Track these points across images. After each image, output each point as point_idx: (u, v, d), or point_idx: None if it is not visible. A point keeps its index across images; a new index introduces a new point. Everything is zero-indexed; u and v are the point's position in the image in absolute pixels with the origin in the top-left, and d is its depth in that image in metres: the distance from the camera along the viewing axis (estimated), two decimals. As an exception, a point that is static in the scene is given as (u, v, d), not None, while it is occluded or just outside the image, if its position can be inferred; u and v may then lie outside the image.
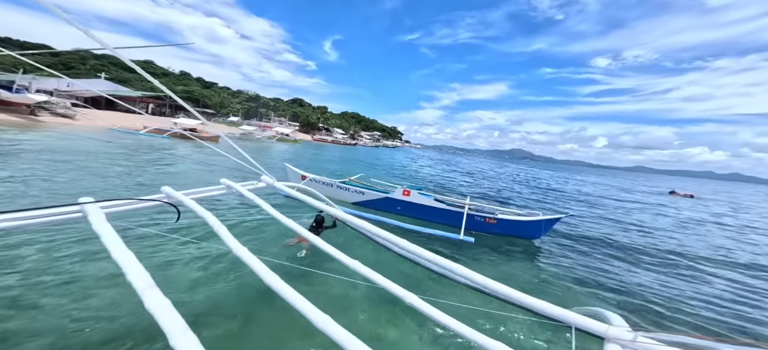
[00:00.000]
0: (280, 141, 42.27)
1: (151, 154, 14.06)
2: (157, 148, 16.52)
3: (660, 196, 25.70)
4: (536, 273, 5.34)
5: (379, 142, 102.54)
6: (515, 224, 7.09)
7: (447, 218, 7.42)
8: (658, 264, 6.67)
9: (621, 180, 52.02)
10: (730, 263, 7.36)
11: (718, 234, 10.50)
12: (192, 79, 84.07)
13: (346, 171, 16.06)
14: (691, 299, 4.93)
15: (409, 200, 7.79)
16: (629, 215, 12.93)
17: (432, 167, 31.28)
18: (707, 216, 15.38)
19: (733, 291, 5.47)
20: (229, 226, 5.98)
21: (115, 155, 12.31)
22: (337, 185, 8.49)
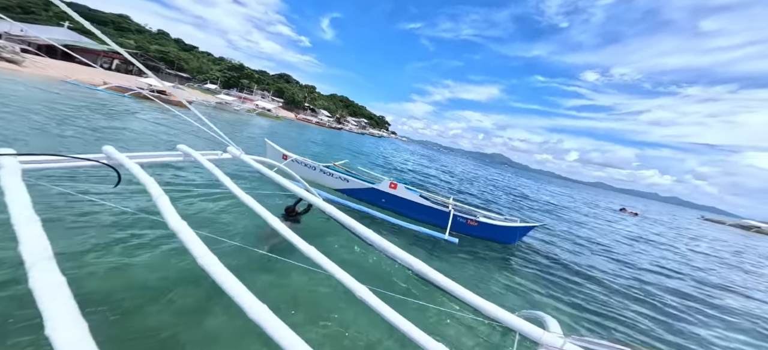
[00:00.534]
0: (261, 116, 40.35)
1: (104, 112, 12.68)
2: (114, 107, 14.98)
3: (614, 212, 28.09)
4: (501, 276, 5.53)
5: (365, 130, 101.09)
6: (494, 228, 7.28)
7: (431, 217, 7.42)
8: (607, 276, 7.24)
9: (584, 194, 56.04)
10: (667, 277, 8.12)
11: (655, 252, 11.55)
12: (170, 39, 76.96)
13: (328, 157, 15.70)
14: (628, 309, 5.37)
15: (395, 193, 7.63)
16: (588, 228, 13.90)
17: (417, 161, 31.45)
18: (649, 234, 16.98)
19: (665, 303, 6.01)
20: (200, 202, 4.97)
21: (57, 108, 10.90)
22: (320, 169, 8.16)
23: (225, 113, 31.71)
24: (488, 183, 26.13)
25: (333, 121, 77.31)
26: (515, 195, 21.24)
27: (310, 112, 79.29)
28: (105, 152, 1.89)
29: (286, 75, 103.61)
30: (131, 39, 56.02)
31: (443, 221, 7.03)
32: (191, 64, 65.09)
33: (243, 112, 36.93)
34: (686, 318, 5.58)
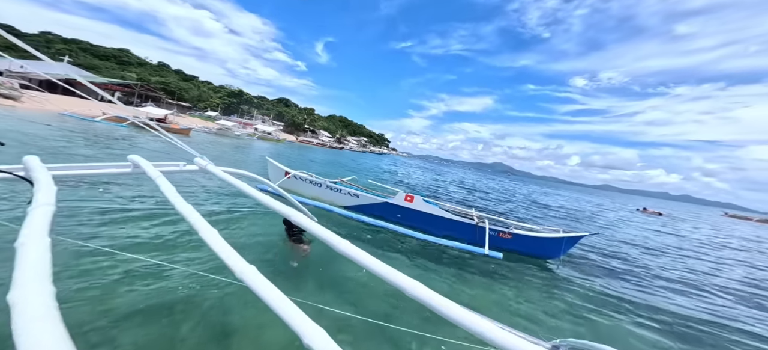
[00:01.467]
0: (262, 140, 40.22)
1: (94, 141, 12.07)
2: (108, 136, 14.40)
3: (637, 213, 26.74)
4: (554, 300, 4.54)
5: (365, 148, 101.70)
6: (533, 240, 6.33)
7: (456, 231, 6.54)
8: (673, 287, 6.08)
9: (596, 197, 54.46)
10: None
11: (725, 257, 10.25)
12: (170, 70, 79.10)
13: (330, 174, 14.88)
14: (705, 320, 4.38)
15: (411, 207, 6.85)
16: (625, 233, 12.69)
17: (421, 175, 30.65)
18: (695, 235, 15.70)
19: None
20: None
21: (46, 138, 10.25)
22: (327, 185, 7.50)
23: (225, 138, 31.46)
24: (498, 193, 25.07)
25: (334, 141, 77.74)
26: (537, 205, 20.13)
27: (310, 133, 79.74)
28: (24, 163, 1.55)
29: (285, 99, 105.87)
30: (133, 72, 57.47)
31: (471, 235, 6.35)
32: (191, 94, 66.26)
33: (244, 136, 36.76)
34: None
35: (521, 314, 3.88)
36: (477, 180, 41.08)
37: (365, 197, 7.33)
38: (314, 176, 7.78)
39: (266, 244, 4.43)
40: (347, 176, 10.13)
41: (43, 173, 1.39)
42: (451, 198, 15.65)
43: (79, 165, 1.98)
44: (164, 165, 2.39)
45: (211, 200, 6.18)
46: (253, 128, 44.43)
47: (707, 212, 64.64)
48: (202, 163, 2.44)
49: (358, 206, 7.24)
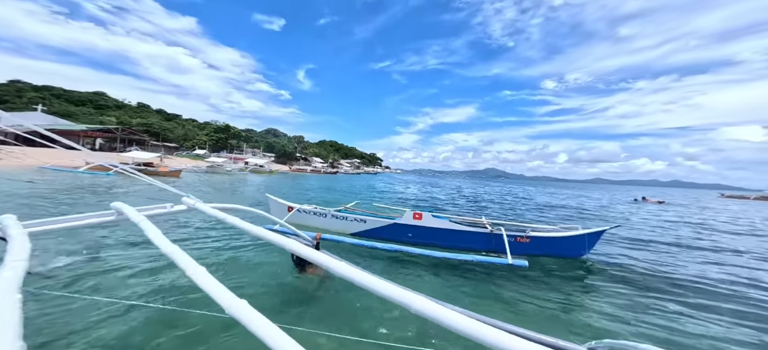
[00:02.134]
0: (254, 173, 39.24)
1: (79, 194, 11.17)
2: (94, 187, 13.44)
3: (639, 203, 27.03)
4: (587, 300, 4.26)
5: (359, 169, 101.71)
6: (554, 241, 6.13)
7: (470, 242, 6.36)
8: (714, 278, 5.75)
9: (592, 191, 55.36)
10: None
11: (747, 241, 9.94)
12: (151, 111, 77.98)
13: (329, 200, 14.31)
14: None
15: (421, 224, 6.64)
16: (641, 227, 12.52)
17: (418, 190, 30.37)
18: (707, 221, 15.76)
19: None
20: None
21: (27, 195, 9.37)
22: (331, 215, 7.36)
23: (217, 175, 30.44)
24: (498, 197, 24.96)
25: (327, 166, 77.39)
26: (542, 206, 20.01)
27: (303, 161, 79.33)
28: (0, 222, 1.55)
29: (273, 129, 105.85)
30: (112, 115, 56.16)
31: (486, 244, 6.23)
32: (176, 133, 65.08)
33: (235, 171, 35.83)
34: None
35: (556, 319, 3.70)
36: (474, 188, 41.15)
37: (372, 220, 7.08)
38: (318, 208, 7.63)
39: (271, 274, 4.35)
40: (349, 202, 9.89)
41: (18, 231, 1.41)
42: (457, 210, 15.29)
43: (59, 219, 1.95)
44: (150, 209, 2.37)
45: (209, 238, 6.06)
46: (244, 163, 43.53)
47: (704, 195, 65.83)
48: (190, 202, 2.39)
49: (366, 231, 7.01)
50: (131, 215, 1.92)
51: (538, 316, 3.74)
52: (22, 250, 1.19)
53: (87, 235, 5.29)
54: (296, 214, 7.66)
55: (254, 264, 4.75)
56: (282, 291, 3.92)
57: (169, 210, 2.46)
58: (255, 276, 4.31)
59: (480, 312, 0.82)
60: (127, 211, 2.00)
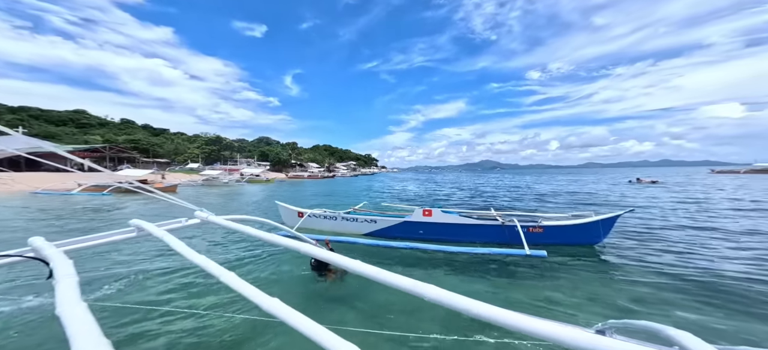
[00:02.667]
0: (251, 183, 38.57)
1: (82, 216, 10.81)
2: (94, 208, 12.99)
3: (634, 185, 27.71)
4: (606, 287, 4.24)
5: (356, 171, 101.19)
6: (568, 229, 6.09)
7: (482, 235, 6.36)
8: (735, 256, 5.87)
9: (587, 176, 56.17)
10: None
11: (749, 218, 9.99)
12: (137, 127, 75.83)
13: (332, 206, 14.14)
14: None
15: (431, 220, 6.68)
16: (651, 208, 12.82)
17: (417, 187, 30.44)
18: (708, 198, 16.19)
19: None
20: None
21: (32, 219, 8.98)
22: (342, 217, 7.44)
23: (214, 188, 29.85)
24: (502, 189, 25.25)
25: (324, 171, 76.70)
26: (538, 195, 20.29)
27: (299, 168, 78.43)
28: (31, 245, 1.65)
29: (265, 138, 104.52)
30: (96, 134, 54.29)
31: (499, 236, 6.20)
32: (166, 148, 63.51)
33: (232, 182, 35.14)
34: None
35: (574, 306, 3.67)
36: (472, 181, 41.45)
37: (382, 220, 7.08)
38: (327, 211, 7.65)
39: (290, 281, 4.51)
40: (356, 203, 9.93)
41: (54, 250, 1.50)
42: (460, 204, 15.36)
43: (82, 238, 2.05)
44: (167, 224, 2.43)
45: (223, 250, 6.20)
46: (240, 174, 42.78)
47: (695, 172, 66.65)
48: (203, 215, 2.45)
49: (377, 231, 7.02)
50: (152, 231, 2.02)
51: (557, 306, 3.70)
52: (67, 265, 1.24)
53: (110, 252, 5.51)
54: (307, 219, 7.72)
55: (273, 272, 4.87)
56: (305, 294, 4.06)
57: (183, 224, 2.49)
58: (277, 283, 4.45)
59: (497, 305, 0.84)
60: (147, 227, 2.09)
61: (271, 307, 1.02)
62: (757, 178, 34.04)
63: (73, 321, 0.84)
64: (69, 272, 1.20)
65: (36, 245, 1.64)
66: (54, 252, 1.46)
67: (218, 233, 7.21)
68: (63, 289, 1.03)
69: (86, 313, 0.88)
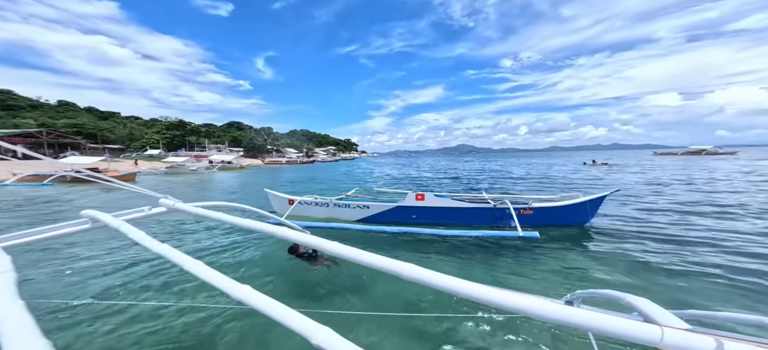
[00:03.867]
0: (223, 170, 35.99)
1: (20, 211, 9.38)
2: (34, 201, 11.24)
3: (590, 166, 30.41)
4: (595, 265, 4.43)
5: (336, 156, 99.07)
6: (557, 210, 6.35)
7: (475, 218, 6.50)
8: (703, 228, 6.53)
9: (553, 159, 60.82)
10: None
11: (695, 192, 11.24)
12: (79, 110, 66.32)
13: (318, 193, 13.67)
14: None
15: (424, 205, 6.71)
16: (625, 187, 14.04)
17: (399, 172, 30.61)
18: (659, 177, 18.11)
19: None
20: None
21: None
22: (334, 204, 7.32)
23: (180, 176, 27.21)
24: (475, 172, 26.29)
25: (303, 156, 73.93)
26: (512, 178, 21.39)
27: (276, 153, 74.65)
28: None
29: (237, 122, 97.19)
30: (27, 117, 46.82)
31: (491, 219, 6.32)
32: (118, 133, 56.64)
33: (201, 170, 32.46)
34: None
35: (560, 285, 3.79)
36: (453, 165, 42.64)
37: (375, 205, 7.05)
38: (319, 198, 7.54)
39: (268, 268, 4.39)
40: (347, 189, 9.81)
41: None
42: (442, 187, 15.72)
43: (29, 232, 1.88)
44: (126, 214, 2.25)
45: (192, 240, 5.99)
46: (208, 160, 39.63)
47: (640, 154, 74.12)
48: (169, 203, 2.31)
49: (369, 216, 6.99)
50: (108, 221, 1.84)
51: (545, 284, 3.82)
52: (5, 262, 1.16)
53: (61, 246, 5.14)
54: (298, 206, 7.50)
55: (250, 259, 4.74)
56: (286, 280, 3.96)
57: (147, 213, 2.31)
58: (253, 271, 4.33)
59: (490, 285, 0.90)
60: (102, 218, 1.90)
61: (242, 295, 0.99)
62: (692, 159, 39.16)
63: (5, 320, 0.78)
64: (5, 268, 1.11)
65: None
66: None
67: (188, 223, 6.92)
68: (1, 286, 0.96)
69: (23, 312, 0.82)
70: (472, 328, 2.81)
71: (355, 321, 2.87)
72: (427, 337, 2.72)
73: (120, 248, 5.12)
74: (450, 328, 2.82)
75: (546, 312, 0.76)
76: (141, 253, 4.79)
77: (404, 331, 2.78)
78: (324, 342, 0.75)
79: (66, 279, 4.04)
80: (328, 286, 3.69)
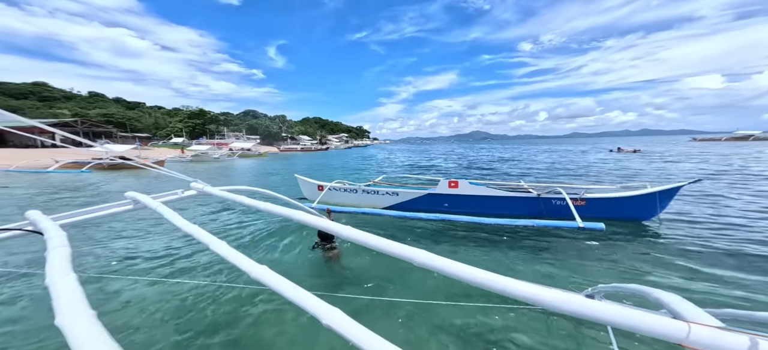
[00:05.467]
0: (243, 157, 36.92)
1: (68, 194, 9.86)
2: (76, 186, 11.83)
3: (614, 154, 28.29)
4: (665, 269, 3.74)
5: (349, 143, 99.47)
6: (616, 202, 5.50)
7: (515, 208, 5.94)
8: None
9: (579, 146, 57.59)
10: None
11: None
12: (108, 100, 69.65)
13: (334, 178, 13.47)
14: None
15: (458, 192, 6.30)
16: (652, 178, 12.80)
17: (416, 156, 29.99)
18: (707, 167, 16.51)
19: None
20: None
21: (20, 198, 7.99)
22: (362, 190, 7.22)
23: (203, 163, 28.27)
24: (502, 162, 25.16)
25: (316, 143, 74.72)
26: (546, 166, 20.26)
27: (291, 141, 75.93)
28: (28, 218, 1.70)
29: (252, 111, 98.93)
30: (61, 108, 49.79)
31: (534, 209, 5.80)
32: (145, 122, 59.17)
33: (223, 158, 33.41)
34: None
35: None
36: (471, 152, 41.33)
37: (405, 192, 6.81)
38: (347, 184, 7.51)
39: (289, 252, 4.43)
40: (374, 177, 9.82)
41: (49, 223, 1.53)
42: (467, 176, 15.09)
43: (79, 211, 2.06)
44: (162, 196, 2.43)
45: (218, 221, 6.20)
46: (229, 148, 40.70)
47: (675, 141, 65.84)
48: (199, 186, 2.49)
49: (399, 203, 6.79)
50: (148, 202, 2.03)
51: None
52: (61, 238, 1.27)
53: (106, 225, 5.56)
54: (328, 192, 7.46)
55: (267, 242, 4.86)
56: (300, 264, 3.99)
57: (179, 196, 2.51)
58: (272, 254, 4.39)
59: (534, 281, 1.06)
60: (143, 199, 2.10)
61: (259, 275, 1.06)
62: (739, 145, 35.38)
63: (60, 291, 0.85)
64: (61, 243, 1.21)
65: (32, 219, 1.66)
66: (49, 225, 1.48)
67: (212, 205, 7.20)
68: (53, 260, 1.05)
69: (74, 283, 0.89)
70: (484, 317, 2.71)
71: (365, 305, 2.88)
72: (440, 325, 2.67)
73: (155, 227, 5.42)
74: (462, 316, 2.75)
75: (569, 304, 0.74)
76: (171, 231, 5.11)
77: (416, 318, 2.75)
78: (333, 322, 0.78)
79: (109, 254, 4.37)
80: (342, 272, 3.73)
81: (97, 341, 0.68)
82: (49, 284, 0.89)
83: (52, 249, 1.14)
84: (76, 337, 0.69)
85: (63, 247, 1.16)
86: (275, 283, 0.98)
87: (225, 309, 2.91)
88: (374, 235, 1.13)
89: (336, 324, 0.77)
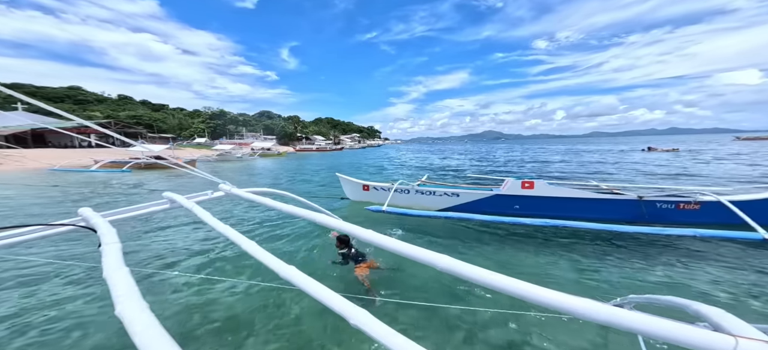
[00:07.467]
0: (263, 157, 37.74)
1: (116, 191, 10.37)
2: (120, 185, 12.35)
3: (646, 153, 26.52)
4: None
5: (362, 143, 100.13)
6: (747, 206, 4.52)
7: (608, 213, 5.29)
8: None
9: (606, 145, 54.71)
10: None
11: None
12: (136, 102, 73.21)
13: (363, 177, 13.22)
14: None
15: (533, 194, 5.72)
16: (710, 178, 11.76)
17: (431, 156, 29.47)
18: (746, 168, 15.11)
19: None
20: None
21: (64, 201, 8.37)
22: (415, 190, 6.71)
23: (228, 163, 29.08)
24: (523, 162, 24.19)
25: (331, 143, 75.76)
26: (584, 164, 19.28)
27: (306, 141, 77.36)
28: (81, 215, 1.83)
29: (267, 112, 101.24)
30: (94, 110, 52.83)
31: (632, 214, 5.22)
32: (170, 123, 61.79)
33: (246, 157, 34.25)
34: None
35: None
36: (486, 152, 40.27)
37: (467, 193, 6.31)
38: (397, 184, 6.97)
39: (311, 252, 4.55)
40: (383, 179, 9.22)
41: (100, 219, 1.64)
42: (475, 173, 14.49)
43: (122, 209, 2.24)
44: (194, 197, 2.56)
45: (244, 221, 6.37)
46: (250, 148, 41.79)
47: (712, 140, 60.06)
48: (227, 188, 2.56)
49: (460, 205, 6.29)
50: (183, 202, 2.15)
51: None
52: (112, 234, 1.35)
53: (144, 222, 5.87)
54: (373, 192, 7.07)
55: (292, 243, 4.94)
56: (325, 266, 4.00)
57: (210, 197, 2.61)
58: (299, 254, 4.51)
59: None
60: (178, 199, 2.22)
61: (288, 275, 1.09)
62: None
63: (117, 284, 0.92)
64: (113, 239, 1.29)
65: (85, 215, 1.76)
66: (100, 222, 1.58)
67: (239, 206, 7.35)
68: (108, 255, 1.12)
69: (128, 277, 0.96)
70: (507, 324, 2.72)
71: (392, 308, 2.96)
72: (465, 329, 2.69)
73: (187, 227, 5.73)
74: (486, 322, 2.78)
75: (596, 313, 0.72)
76: (199, 230, 5.42)
77: (441, 322, 2.79)
78: (361, 322, 0.81)
79: (150, 250, 4.66)
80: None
81: (154, 331, 0.74)
82: (106, 277, 0.96)
83: (105, 245, 1.22)
84: (135, 326, 0.75)
85: (115, 243, 1.24)
86: (304, 283, 1.01)
87: (254, 306, 3.04)
88: (397, 240, 1.13)
89: (364, 324, 0.80)
